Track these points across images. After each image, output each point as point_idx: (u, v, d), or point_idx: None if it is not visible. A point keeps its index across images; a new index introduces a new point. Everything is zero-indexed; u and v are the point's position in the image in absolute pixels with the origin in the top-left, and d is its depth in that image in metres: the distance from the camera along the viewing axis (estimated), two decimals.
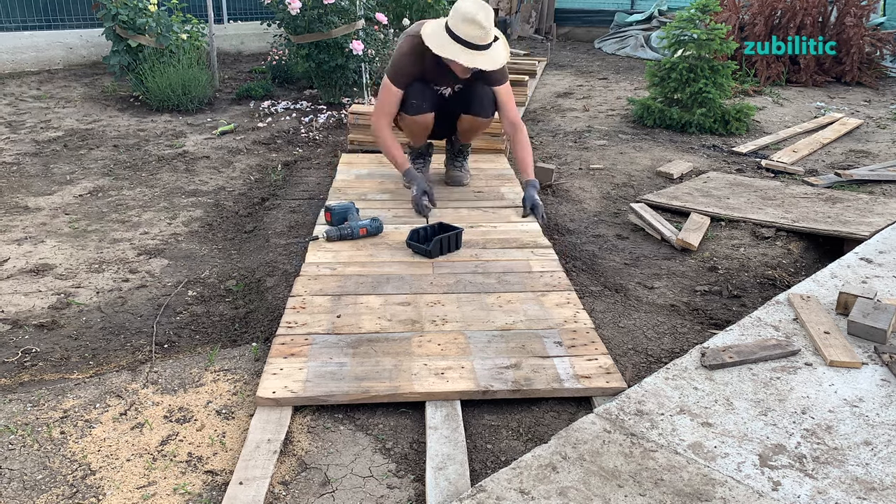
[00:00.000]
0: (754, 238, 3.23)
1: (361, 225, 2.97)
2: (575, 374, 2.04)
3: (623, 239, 3.32)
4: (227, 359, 2.24)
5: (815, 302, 2.33)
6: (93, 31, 6.90)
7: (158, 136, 4.91)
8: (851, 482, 1.56)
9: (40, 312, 2.53)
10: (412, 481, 1.70)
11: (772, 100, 6.39)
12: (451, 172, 3.73)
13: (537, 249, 2.92)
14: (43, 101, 5.79)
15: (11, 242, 3.12)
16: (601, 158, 4.57)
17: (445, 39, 3.06)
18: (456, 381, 1.99)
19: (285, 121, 5.38)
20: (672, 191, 3.82)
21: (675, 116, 5.22)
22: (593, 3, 10.77)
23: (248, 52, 8.29)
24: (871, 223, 3.19)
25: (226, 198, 3.77)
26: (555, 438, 1.71)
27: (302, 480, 1.70)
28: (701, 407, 1.83)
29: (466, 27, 3.01)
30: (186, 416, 1.95)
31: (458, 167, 3.72)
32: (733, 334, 2.18)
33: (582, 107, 6.13)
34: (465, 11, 3.01)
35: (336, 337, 2.22)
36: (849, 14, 7.05)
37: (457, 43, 3.04)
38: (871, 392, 1.89)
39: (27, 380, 2.13)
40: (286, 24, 5.56)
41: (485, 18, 3.02)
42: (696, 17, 5.18)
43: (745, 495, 1.52)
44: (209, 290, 2.74)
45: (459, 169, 3.72)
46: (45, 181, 3.95)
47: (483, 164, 4.07)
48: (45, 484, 1.69)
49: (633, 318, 2.53)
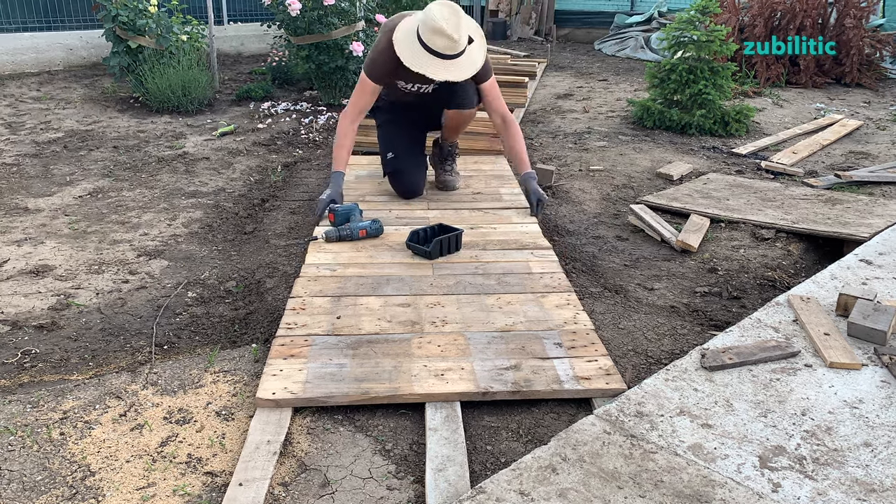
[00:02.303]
0: (754, 239, 3.23)
1: (361, 226, 2.97)
2: (575, 375, 2.04)
3: (623, 240, 3.32)
4: (226, 360, 2.24)
5: (814, 303, 2.33)
6: (93, 33, 6.90)
7: (158, 137, 4.91)
8: (851, 483, 1.56)
9: (40, 313, 2.53)
10: (412, 483, 1.70)
11: (771, 101, 6.39)
12: (441, 177, 3.65)
13: (537, 251, 2.92)
14: (43, 102, 5.79)
15: (11, 243, 3.12)
16: (601, 160, 4.57)
17: (417, 48, 2.98)
18: (456, 382, 1.99)
19: (285, 122, 5.38)
20: (672, 192, 3.82)
21: (674, 118, 5.23)
22: (593, 5, 10.77)
23: (248, 53, 8.30)
24: (870, 225, 3.19)
25: (226, 199, 3.77)
26: (554, 440, 1.71)
27: (302, 482, 1.70)
28: (701, 408, 1.83)
29: (435, 38, 2.93)
30: (186, 417, 1.95)
31: (448, 171, 3.64)
32: (733, 336, 2.18)
33: (582, 108, 6.13)
34: (433, 22, 2.91)
35: (336, 338, 2.22)
36: (848, 15, 7.05)
37: (427, 52, 2.97)
38: (871, 393, 1.89)
39: (27, 381, 2.13)
40: (286, 25, 5.56)
41: (454, 28, 2.92)
42: (696, 19, 5.18)
43: (744, 497, 1.52)
44: (209, 291, 2.74)
45: (450, 173, 3.64)
46: (45, 182, 3.95)
47: (483, 166, 4.08)
48: (44, 485, 1.69)
49: (633, 319, 2.53)
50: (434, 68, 2.97)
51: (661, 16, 9.74)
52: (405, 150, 3.48)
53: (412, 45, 3.00)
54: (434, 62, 2.97)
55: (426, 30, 2.94)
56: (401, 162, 3.46)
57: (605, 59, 9.09)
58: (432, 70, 2.96)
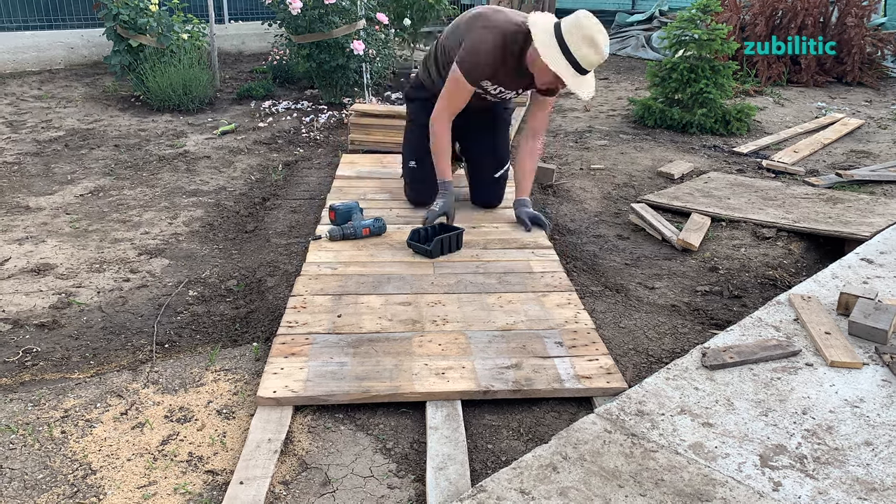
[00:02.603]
0: (755, 238, 3.23)
1: (364, 225, 2.97)
2: (576, 374, 2.04)
3: (624, 239, 3.32)
4: (227, 358, 2.24)
5: (815, 302, 2.33)
6: (94, 31, 6.90)
7: (159, 135, 4.91)
8: (852, 482, 1.56)
9: (41, 312, 2.53)
10: (413, 481, 1.70)
11: (773, 100, 6.38)
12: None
13: (538, 250, 2.92)
14: (44, 100, 5.79)
15: (12, 242, 3.12)
16: (602, 158, 4.57)
17: (556, 51, 2.69)
18: (456, 381, 1.99)
19: (286, 121, 5.38)
20: (673, 191, 3.82)
21: (675, 116, 5.22)
22: (594, 4, 10.76)
23: (249, 51, 8.29)
24: (871, 223, 3.18)
25: (227, 197, 3.77)
26: (555, 438, 1.71)
27: (302, 480, 1.70)
28: (702, 407, 1.83)
29: (586, 49, 2.67)
30: (187, 415, 1.95)
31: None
32: (734, 334, 2.18)
33: (583, 107, 6.13)
34: (589, 32, 2.67)
35: (337, 336, 2.22)
36: (850, 14, 7.04)
37: (565, 59, 2.69)
38: (872, 392, 1.89)
39: (28, 379, 2.13)
40: (287, 23, 5.56)
41: (605, 45, 2.71)
42: (697, 18, 5.18)
43: (745, 496, 1.52)
44: (210, 289, 2.74)
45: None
46: (46, 181, 3.96)
47: None
48: (45, 483, 1.69)
49: (634, 318, 2.53)
50: (573, 79, 2.72)
51: (663, 14, 9.73)
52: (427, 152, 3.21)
53: (553, 48, 2.70)
54: (573, 73, 2.71)
55: (578, 37, 2.66)
56: (422, 173, 3.28)
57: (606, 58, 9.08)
58: (571, 81, 2.71)
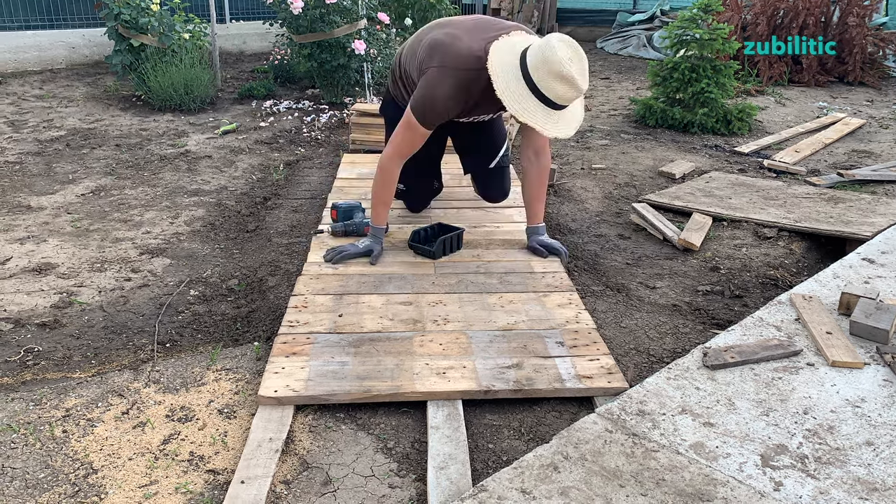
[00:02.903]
0: (756, 238, 3.23)
1: (366, 222, 2.97)
2: (577, 374, 2.04)
3: (625, 239, 3.32)
4: (228, 358, 2.25)
5: (817, 302, 2.33)
6: (95, 31, 6.91)
7: (161, 135, 4.91)
8: (853, 482, 1.56)
9: (42, 311, 2.53)
10: (414, 481, 1.70)
11: (774, 100, 6.38)
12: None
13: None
14: (45, 100, 5.80)
15: (14, 241, 3.12)
16: (603, 158, 4.57)
17: (522, 90, 2.35)
18: (457, 380, 1.99)
19: (287, 120, 5.38)
20: (674, 191, 3.81)
21: (677, 116, 5.22)
22: (596, 3, 10.76)
23: (251, 51, 8.30)
24: (873, 223, 3.18)
25: (228, 197, 3.77)
26: (556, 438, 1.71)
27: (303, 479, 1.70)
28: (703, 407, 1.82)
29: (558, 86, 2.30)
30: (188, 415, 1.95)
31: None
32: (735, 334, 2.17)
33: (584, 106, 6.12)
34: (560, 66, 2.27)
35: (338, 336, 2.22)
36: (851, 14, 7.04)
37: (535, 97, 2.35)
38: (874, 392, 1.89)
39: (29, 379, 2.14)
40: (288, 23, 5.56)
41: (582, 76, 2.31)
42: (699, 17, 5.18)
43: (746, 495, 1.52)
44: (211, 289, 2.74)
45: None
46: (48, 180, 3.96)
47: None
48: (47, 482, 1.69)
49: (635, 318, 2.53)
50: (546, 121, 2.38)
51: (664, 14, 9.73)
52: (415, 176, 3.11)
53: (517, 86, 2.37)
54: (547, 113, 2.37)
55: (546, 73, 2.29)
56: (413, 192, 3.24)
57: (608, 58, 9.08)
58: (543, 123, 2.37)
